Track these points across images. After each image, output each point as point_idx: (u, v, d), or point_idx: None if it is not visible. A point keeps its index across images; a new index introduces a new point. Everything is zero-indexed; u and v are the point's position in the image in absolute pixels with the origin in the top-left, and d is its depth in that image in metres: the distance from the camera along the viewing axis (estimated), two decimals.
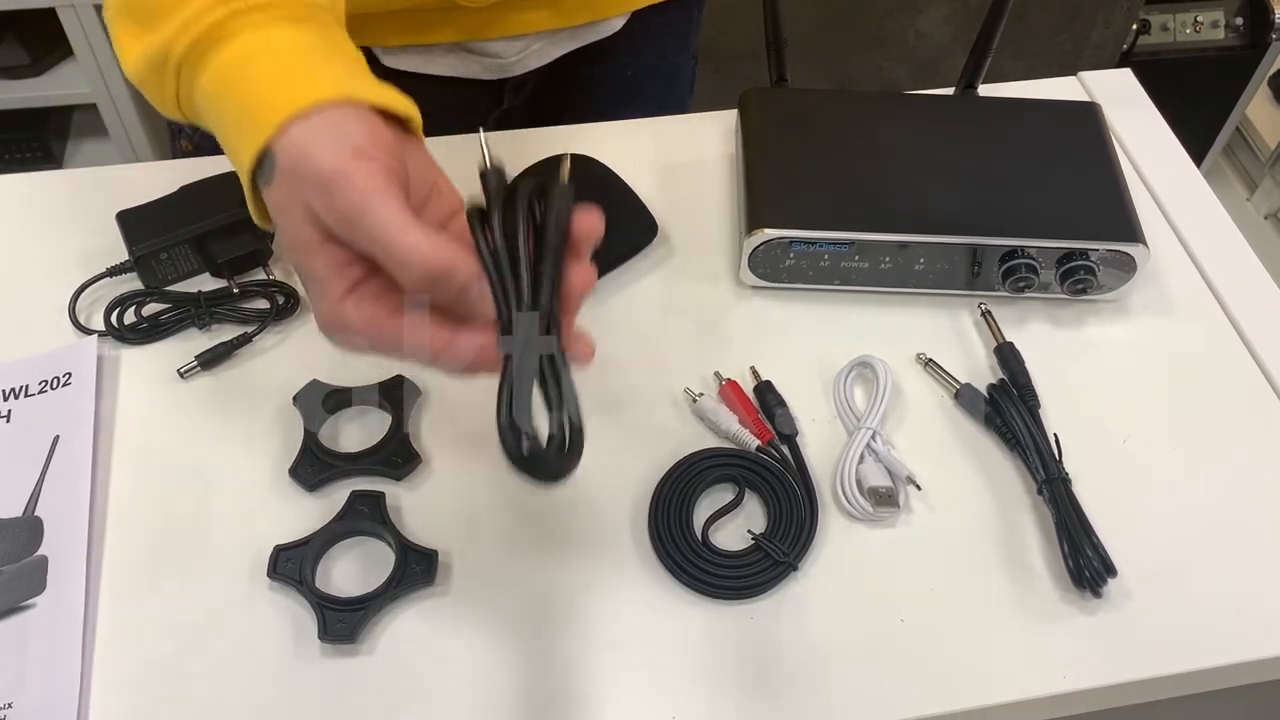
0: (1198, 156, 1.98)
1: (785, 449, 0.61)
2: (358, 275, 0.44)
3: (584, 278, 0.45)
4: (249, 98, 0.44)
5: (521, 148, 0.75)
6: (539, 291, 0.43)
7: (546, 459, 0.42)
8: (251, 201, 0.46)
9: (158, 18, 0.45)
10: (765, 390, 0.63)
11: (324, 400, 0.61)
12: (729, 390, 0.63)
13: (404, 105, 0.46)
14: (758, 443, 0.60)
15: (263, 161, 0.44)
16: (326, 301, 0.43)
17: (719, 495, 0.59)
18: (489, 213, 0.44)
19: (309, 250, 0.43)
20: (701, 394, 0.62)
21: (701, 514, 0.58)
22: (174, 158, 0.85)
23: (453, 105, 0.83)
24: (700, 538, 0.57)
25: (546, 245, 0.44)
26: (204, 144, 0.79)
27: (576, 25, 0.80)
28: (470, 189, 0.70)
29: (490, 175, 0.46)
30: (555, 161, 0.71)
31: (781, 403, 0.62)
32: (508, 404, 0.42)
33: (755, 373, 0.64)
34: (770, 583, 0.55)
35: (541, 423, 0.44)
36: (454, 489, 0.59)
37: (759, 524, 0.58)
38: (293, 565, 0.55)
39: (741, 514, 0.59)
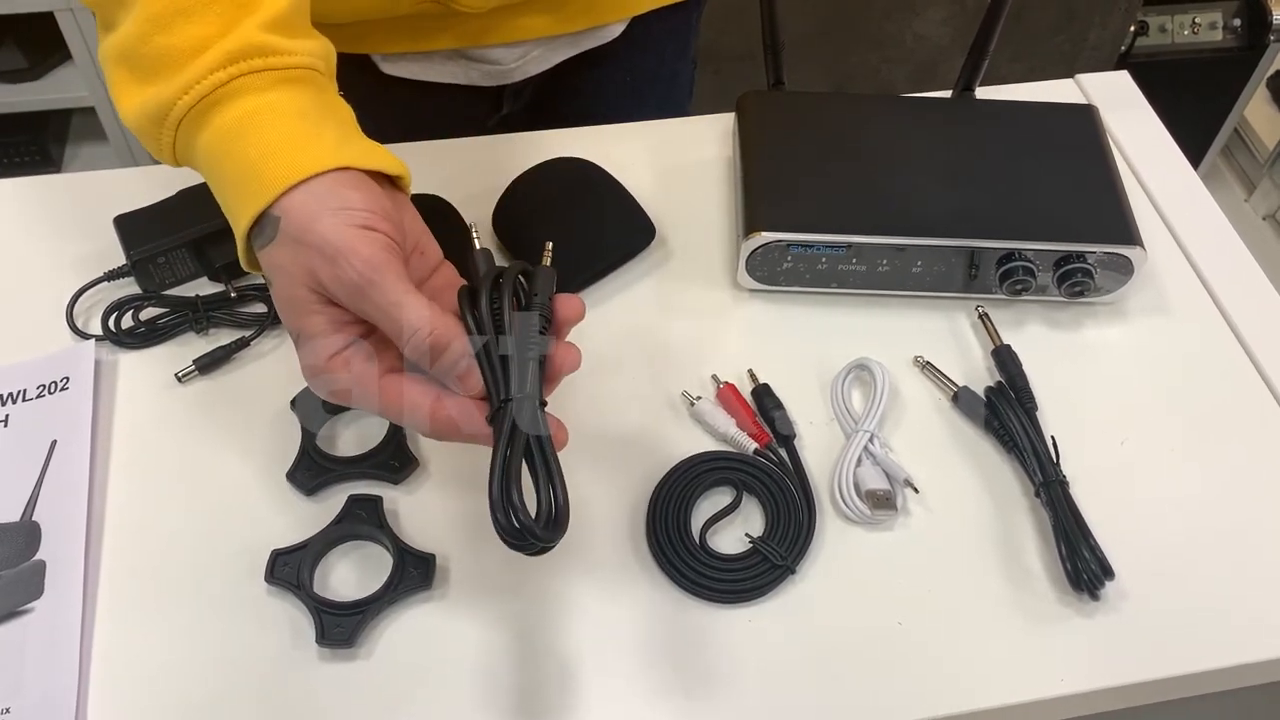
0: (1196, 158, 1.98)
1: (783, 451, 0.61)
2: (355, 334, 0.46)
3: (568, 358, 0.48)
4: (251, 159, 0.46)
5: (520, 149, 0.75)
6: (525, 377, 0.46)
7: (534, 532, 0.45)
8: (243, 253, 0.48)
9: (158, 74, 0.46)
10: (763, 393, 0.63)
11: (321, 404, 0.61)
12: (727, 393, 0.63)
13: (396, 166, 0.48)
14: (755, 445, 0.60)
15: (259, 221, 0.46)
16: (315, 358, 0.46)
17: (717, 498, 0.59)
18: (477, 296, 0.47)
19: (305, 310, 0.46)
20: (699, 397, 0.62)
21: (699, 517, 0.58)
22: None
23: (451, 111, 0.83)
24: (698, 541, 0.57)
25: (530, 331, 0.47)
26: None
27: (576, 31, 0.80)
28: (464, 191, 0.70)
29: (479, 258, 0.50)
30: (553, 165, 0.71)
31: (779, 405, 0.62)
32: (499, 480, 0.45)
33: (753, 375, 0.64)
34: (768, 586, 0.55)
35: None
36: (451, 493, 0.59)
37: (757, 527, 0.58)
38: (290, 569, 0.55)
39: (739, 517, 0.59)
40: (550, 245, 0.51)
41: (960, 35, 1.65)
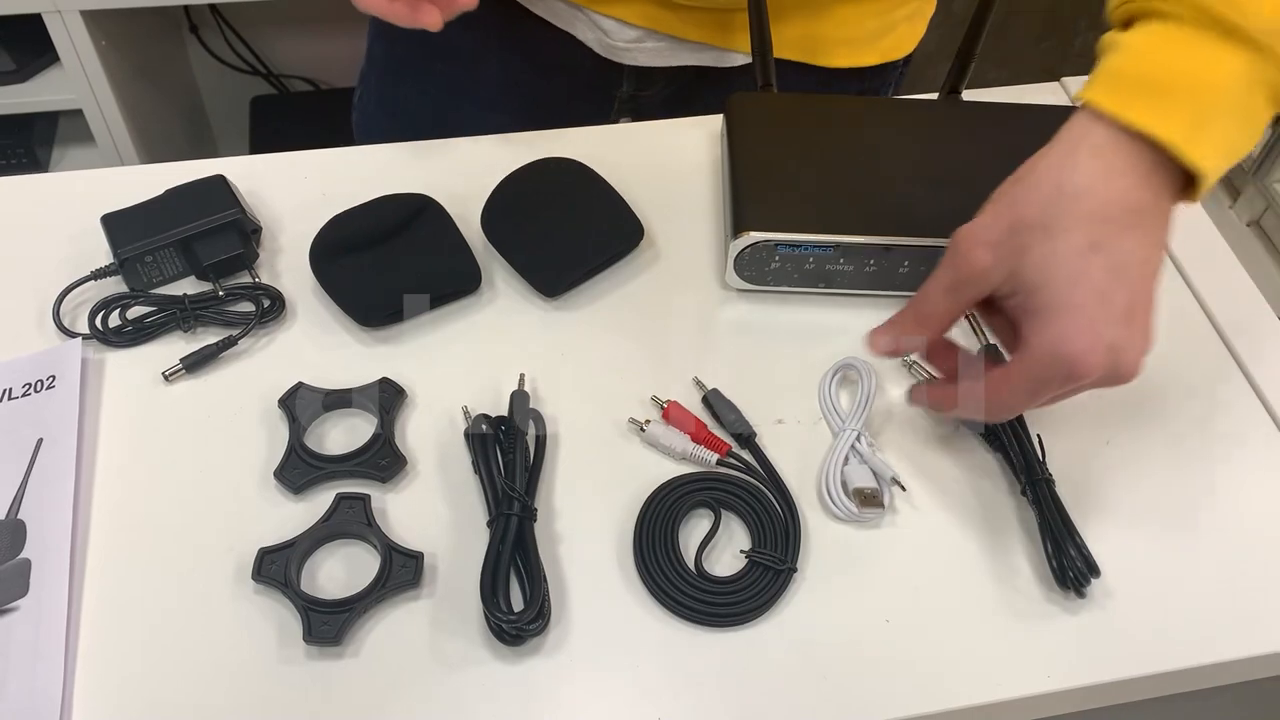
0: None
1: (746, 454, 0.61)
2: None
3: None
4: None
5: (510, 149, 0.75)
6: (513, 489, 0.56)
7: (520, 628, 0.52)
8: None
9: None
10: (713, 399, 0.62)
11: (309, 403, 0.61)
12: (674, 410, 0.62)
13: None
14: (716, 456, 0.60)
15: None
16: None
17: (698, 522, 0.58)
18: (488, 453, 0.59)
19: None
20: (648, 421, 0.61)
21: (688, 547, 0.57)
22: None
23: (582, 67, 0.83)
24: (695, 572, 0.56)
25: (518, 456, 0.58)
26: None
27: (691, 40, 0.79)
28: (451, 190, 0.70)
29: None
30: (542, 165, 0.71)
31: (732, 408, 0.62)
32: (489, 581, 0.53)
33: (699, 383, 0.64)
34: (778, 592, 0.55)
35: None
36: (439, 492, 0.59)
37: (745, 539, 0.58)
38: (278, 567, 0.55)
39: (724, 536, 0.58)
40: (522, 374, 0.62)
41: (946, 42, 1.66)
